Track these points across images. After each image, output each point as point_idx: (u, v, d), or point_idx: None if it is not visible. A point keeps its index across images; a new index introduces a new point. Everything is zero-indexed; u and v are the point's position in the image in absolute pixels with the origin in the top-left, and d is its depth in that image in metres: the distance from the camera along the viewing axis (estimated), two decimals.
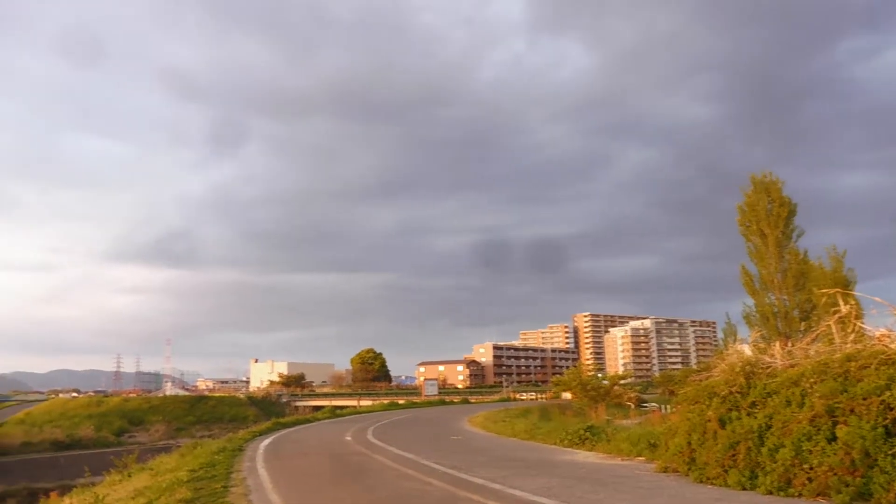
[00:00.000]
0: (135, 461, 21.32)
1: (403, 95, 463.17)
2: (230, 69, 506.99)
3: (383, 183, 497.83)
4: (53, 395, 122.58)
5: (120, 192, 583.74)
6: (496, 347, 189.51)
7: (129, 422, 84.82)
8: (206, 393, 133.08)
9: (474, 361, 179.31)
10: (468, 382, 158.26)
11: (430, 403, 68.62)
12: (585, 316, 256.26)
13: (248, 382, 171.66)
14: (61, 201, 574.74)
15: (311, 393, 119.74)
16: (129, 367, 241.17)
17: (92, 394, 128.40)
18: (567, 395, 66.55)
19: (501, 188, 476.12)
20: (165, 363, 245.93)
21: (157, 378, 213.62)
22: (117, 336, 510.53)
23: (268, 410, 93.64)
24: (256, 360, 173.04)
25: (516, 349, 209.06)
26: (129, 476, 18.71)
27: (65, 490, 24.42)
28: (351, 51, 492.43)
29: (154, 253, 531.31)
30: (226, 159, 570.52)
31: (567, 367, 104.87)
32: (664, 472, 13.07)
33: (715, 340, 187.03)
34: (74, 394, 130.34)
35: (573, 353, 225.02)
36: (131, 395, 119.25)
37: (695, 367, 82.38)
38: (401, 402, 72.74)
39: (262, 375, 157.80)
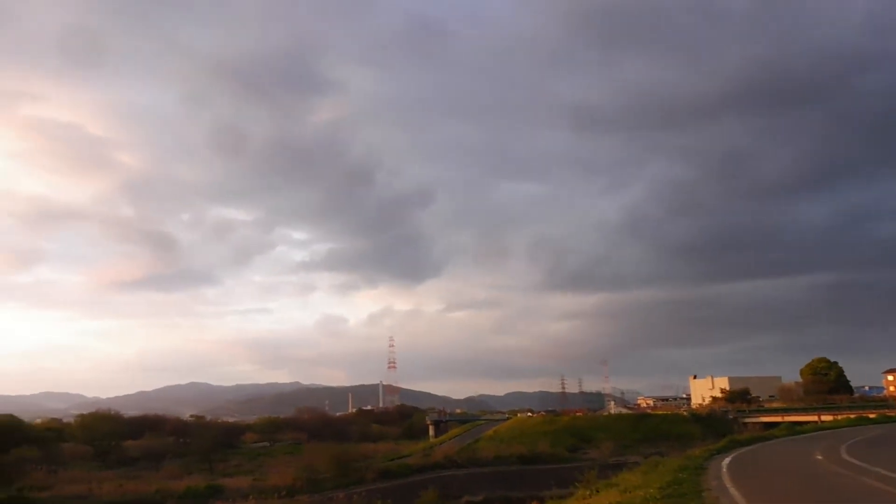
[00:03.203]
0: (595, 477, 22.10)
1: (815, 74, 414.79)
2: (627, 91, 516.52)
3: (807, 173, 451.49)
4: (512, 415, 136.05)
5: (543, 227, 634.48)
6: None
7: (579, 439, 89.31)
8: (648, 411, 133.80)
9: None
10: None
11: None
12: None
13: (688, 399, 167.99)
14: (497, 243, 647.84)
15: (759, 408, 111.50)
16: (572, 387, 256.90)
17: (544, 413, 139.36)
18: None
19: None
20: (604, 383, 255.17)
21: (598, 397, 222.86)
22: (559, 359, 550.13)
23: (713, 428, 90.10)
24: (695, 377, 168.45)
25: None
26: (597, 491, 19.32)
27: (538, 500, 26.38)
28: (749, 41, 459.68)
29: (582, 279, 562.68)
30: (636, 179, 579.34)
31: None
32: None
33: None
34: (530, 413, 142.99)
35: None
36: (578, 413, 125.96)
37: None
38: (871, 415, 63.03)
39: (702, 391, 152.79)
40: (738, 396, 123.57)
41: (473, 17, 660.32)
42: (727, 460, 24.19)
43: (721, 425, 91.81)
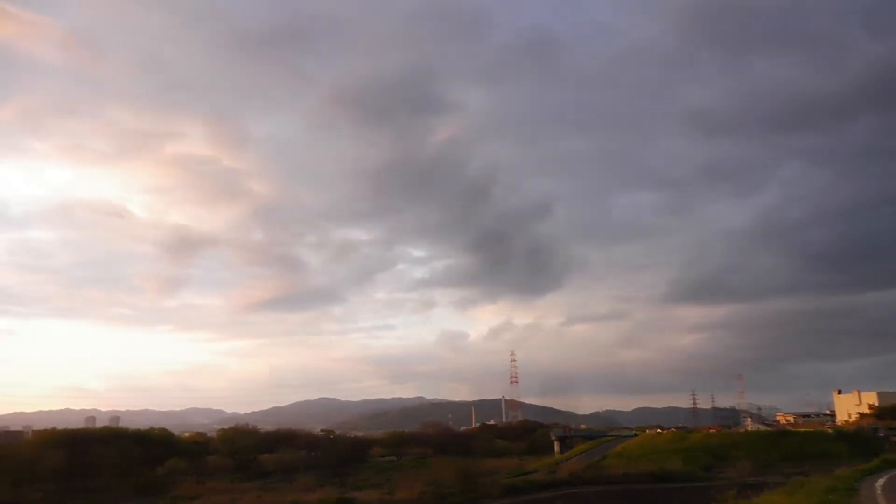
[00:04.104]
0: (734, 497, 21.18)
1: None
2: (752, 93, 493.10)
3: None
4: (640, 432, 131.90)
5: (666, 237, 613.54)
6: None
7: (713, 457, 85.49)
8: (788, 428, 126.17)
9: None
10: None
11: None
12: None
13: (832, 416, 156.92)
14: (618, 255, 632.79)
15: None
16: (703, 403, 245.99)
17: (674, 430, 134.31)
18: None
19: None
20: (739, 398, 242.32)
21: (733, 413, 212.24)
22: (689, 374, 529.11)
23: (861, 446, 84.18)
24: (839, 391, 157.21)
25: None
26: None
27: None
28: (884, 34, 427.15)
29: (709, 290, 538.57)
30: (766, 184, 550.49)
31: None
32: None
33: None
34: (659, 430, 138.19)
35: None
36: (711, 430, 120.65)
37: None
38: None
39: (848, 407, 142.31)
40: (890, 412, 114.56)
41: (588, 28, 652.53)
42: (881, 481, 22.50)
43: (870, 444, 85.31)
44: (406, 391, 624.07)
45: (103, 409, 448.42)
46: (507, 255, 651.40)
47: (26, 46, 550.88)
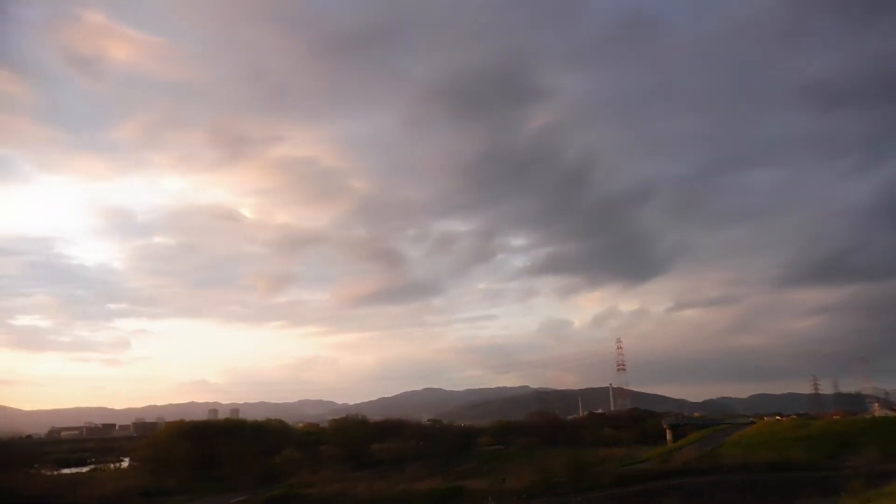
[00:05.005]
0: (862, 486, 20.04)
1: None
2: (871, 61, 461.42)
3: None
4: (757, 419, 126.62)
5: (781, 217, 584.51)
6: None
7: (838, 445, 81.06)
8: None
9: None
10: None
11: None
12: None
13: None
14: (728, 236, 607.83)
15: None
16: (825, 388, 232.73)
17: (795, 417, 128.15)
18: None
19: None
20: (864, 383, 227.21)
21: (858, 399, 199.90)
22: (809, 358, 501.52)
23: None
24: None
25: None
26: (868, 501, 17.47)
27: None
28: None
29: (830, 270, 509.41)
30: (889, 157, 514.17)
31: None
32: None
33: None
34: (778, 417, 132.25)
35: None
36: (835, 417, 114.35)
37: None
38: None
39: None
40: None
41: (689, 3, 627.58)
42: None
43: None
44: (510, 380, 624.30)
45: (224, 402, 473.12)
46: (610, 240, 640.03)
47: (144, 66, 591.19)
